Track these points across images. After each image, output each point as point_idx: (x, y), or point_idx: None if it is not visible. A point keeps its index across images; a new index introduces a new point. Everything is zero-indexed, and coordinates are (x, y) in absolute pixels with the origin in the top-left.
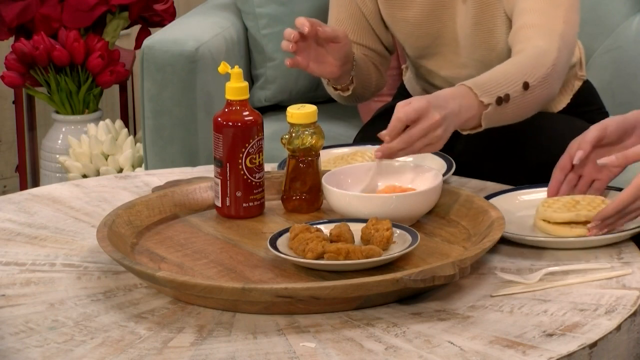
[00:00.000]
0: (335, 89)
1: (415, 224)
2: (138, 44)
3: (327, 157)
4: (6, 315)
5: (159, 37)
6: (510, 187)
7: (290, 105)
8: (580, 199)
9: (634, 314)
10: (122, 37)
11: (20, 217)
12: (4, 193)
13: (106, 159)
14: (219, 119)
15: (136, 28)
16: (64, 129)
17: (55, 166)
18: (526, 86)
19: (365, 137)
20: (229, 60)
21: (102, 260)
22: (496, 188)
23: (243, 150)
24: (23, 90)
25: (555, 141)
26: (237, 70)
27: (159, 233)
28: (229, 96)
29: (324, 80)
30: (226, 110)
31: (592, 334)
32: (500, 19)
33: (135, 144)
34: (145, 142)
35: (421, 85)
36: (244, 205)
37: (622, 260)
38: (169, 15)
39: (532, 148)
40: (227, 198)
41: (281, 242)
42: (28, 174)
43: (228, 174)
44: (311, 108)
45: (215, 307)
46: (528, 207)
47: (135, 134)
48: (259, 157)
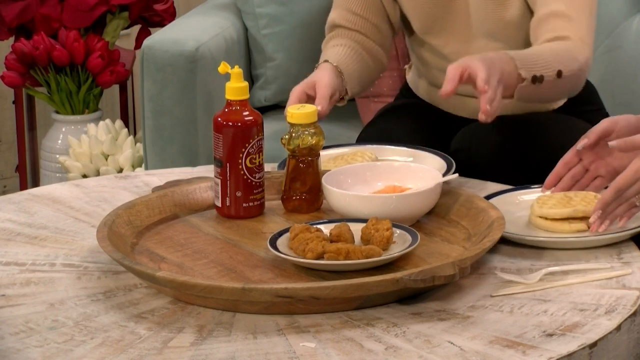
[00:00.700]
0: None
1: (415, 224)
2: (138, 44)
3: (327, 157)
4: (6, 315)
5: (159, 37)
6: (510, 187)
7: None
8: (572, 195)
9: (634, 314)
10: (122, 37)
11: (20, 217)
12: (4, 193)
13: (106, 159)
14: (219, 119)
15: (136, 28)
16: (64, 129)
17: (55, 166)
18: (560, 74)
19: (367, 137)
20: (229, 60)
21: (102, 260)
22: (496, 188)
23: (243, 150)
24: (23, 90)
25: (555, 141)
26: (237, 70)
27: (159, 233)
28: (229, 96)
29: None
30: (226, 110)
31: (592, 334)
32: None
33: (135, 144)
34: (145, 142)
35: (424, 77)
36: (244, 205)
37: (622, 260)
38: (169, 15)
39: (532, 148)
40: (227, 198)
41: (281, 242)
42: (28, 174)
43: (228, 174)
44: (311, 108)
45: (215, 307)
46: (528, 207)
47: (135, 134)
48: (259, 157)
